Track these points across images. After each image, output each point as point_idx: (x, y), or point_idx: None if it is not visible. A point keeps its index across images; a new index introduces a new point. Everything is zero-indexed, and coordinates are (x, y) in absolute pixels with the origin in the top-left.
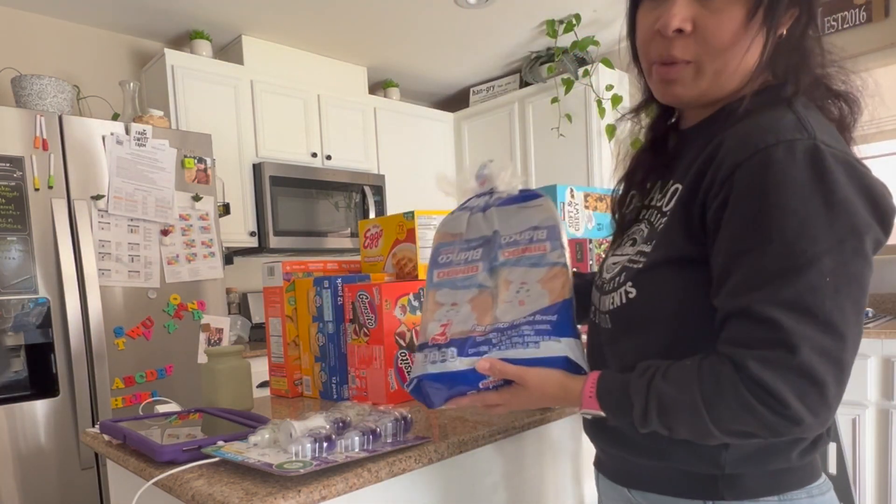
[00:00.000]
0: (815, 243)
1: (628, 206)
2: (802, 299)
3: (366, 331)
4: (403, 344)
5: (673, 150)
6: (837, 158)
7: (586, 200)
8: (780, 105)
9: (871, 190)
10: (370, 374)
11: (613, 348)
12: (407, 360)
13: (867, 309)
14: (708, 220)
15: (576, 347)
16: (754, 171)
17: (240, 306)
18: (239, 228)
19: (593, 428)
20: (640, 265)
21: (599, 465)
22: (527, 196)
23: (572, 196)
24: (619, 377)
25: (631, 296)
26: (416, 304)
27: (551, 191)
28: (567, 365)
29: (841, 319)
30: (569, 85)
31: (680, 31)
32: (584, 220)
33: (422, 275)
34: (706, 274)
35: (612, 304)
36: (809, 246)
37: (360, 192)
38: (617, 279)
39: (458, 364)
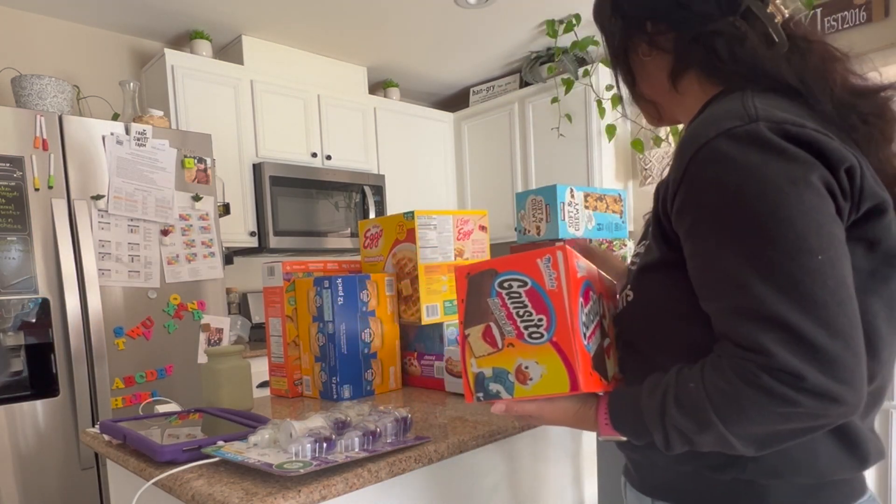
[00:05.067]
0: (787, 229)
1: None
2: (796, 290)
3: None
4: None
5: None
6: (777, 132)
7: (586, 200)
8: (733, 96)
9: (816, 145)
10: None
11: (625, 352)
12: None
13: None
14: (673, 223)
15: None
16: (702, 167)
17: (240, 306)
18: (239, 228)
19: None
20: (635, 268)
21: (627, 474)
22: None
23: (572, 196)
24: (629, 400)
25: (629, 299)
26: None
27: (551, 191)
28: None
29: (835, 307)
30: (569, 85)
31: None
32: (584, 219)
33: (422, 275)
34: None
35: (619, 306)
36: (781, 236)
37: (360, 192)
38: (623, 282)
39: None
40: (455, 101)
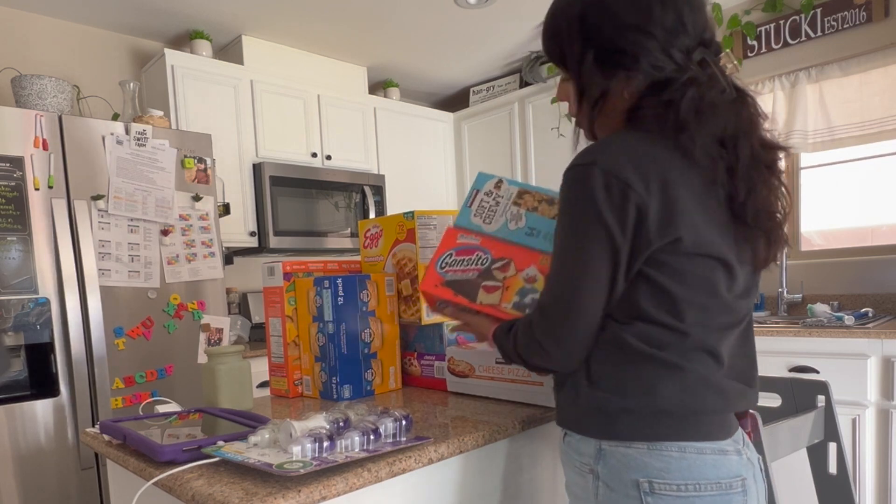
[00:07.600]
0: (565, 240)
1: None
2: (549, 282)
3: None
4: None
5: None
6: (600, 177)
7: (521, 197)
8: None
9: (620, 195)
10: None
11: None
12: None
13: (867, 309)
14: None
15: None
16: (563, 181)
17: (240, 306)
18: (239, 228)
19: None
20: None
21: (555, 415)
22: None
23: (496, 188)
24: (502, 329)
25: None
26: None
27: (478, 178)
28: None
29: (571, 294)
30: None
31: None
32: (505, 216)
33: (422, 275)
34: None
35: None
36: (561, 242)
37: (360, 192)
38: None
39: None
40: (455, 101)
